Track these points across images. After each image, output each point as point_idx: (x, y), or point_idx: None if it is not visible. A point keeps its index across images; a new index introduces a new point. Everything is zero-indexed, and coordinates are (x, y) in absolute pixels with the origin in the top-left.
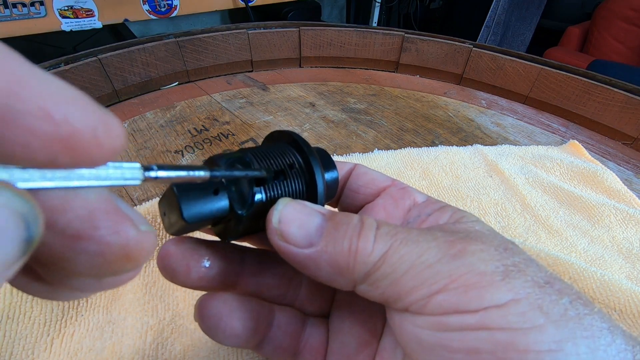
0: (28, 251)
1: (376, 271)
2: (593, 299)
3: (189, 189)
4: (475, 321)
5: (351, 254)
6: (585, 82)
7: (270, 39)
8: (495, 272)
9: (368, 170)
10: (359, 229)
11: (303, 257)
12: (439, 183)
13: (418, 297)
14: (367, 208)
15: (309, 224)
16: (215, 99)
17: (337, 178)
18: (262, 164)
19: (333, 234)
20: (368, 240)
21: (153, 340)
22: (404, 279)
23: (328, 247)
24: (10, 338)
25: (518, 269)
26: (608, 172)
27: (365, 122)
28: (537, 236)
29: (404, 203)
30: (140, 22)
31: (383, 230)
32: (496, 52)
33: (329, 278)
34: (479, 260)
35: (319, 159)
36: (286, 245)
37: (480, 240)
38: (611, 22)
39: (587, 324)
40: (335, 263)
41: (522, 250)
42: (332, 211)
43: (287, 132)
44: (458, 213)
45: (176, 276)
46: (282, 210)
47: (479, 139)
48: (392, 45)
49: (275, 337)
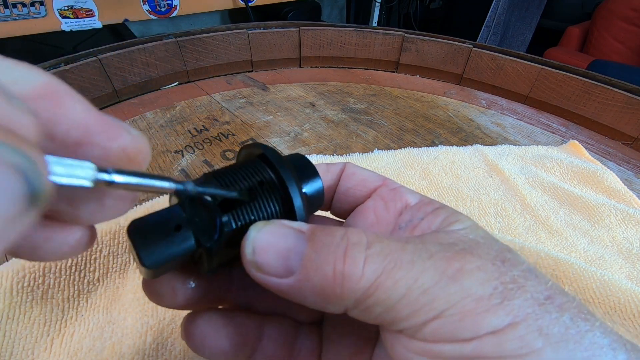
0: (36, 207)
1: (368, 298)
2: (593, 299)
3: (146, 230)
4: (469, 351)
5: (337, 280)
6: (585, 82)
7: (270, 39)
8: (493, 295)
9: (358, 169)
10: (343, 249)
11: (285, 287)
12: (439, 183)
13: (413, 324)
14: (358, 211)
15: (286, 249)
16: (215, 99)
17: (320, 187)
18: (229, 186)
19: (314, 258)
20: (357, 262)
21: (153, 341)
22: (399, 306)
23: (309, 274)
24: (10, 338)
25: (517, 285)
26: (608, 172)
27: (365, 122)
28: (537, 236)
29: (395, 205)
30: (140, 22)
31: (374, 249)
32: (496, 52)
33: (317, 305)
34: (477, 282)
35: (293, 169)
36: (264, 277)
37: (477, 253)
38: (611, 22)
39: (588, 344)
40: (320, 290)
41: (520, 259)
42: (313, 228)
43: (255, 146)
44: (452, 216)
45: (162, 300)
46: (254, 239)
47: (479, 139)
48: (392, 45)
49: (267, 349)
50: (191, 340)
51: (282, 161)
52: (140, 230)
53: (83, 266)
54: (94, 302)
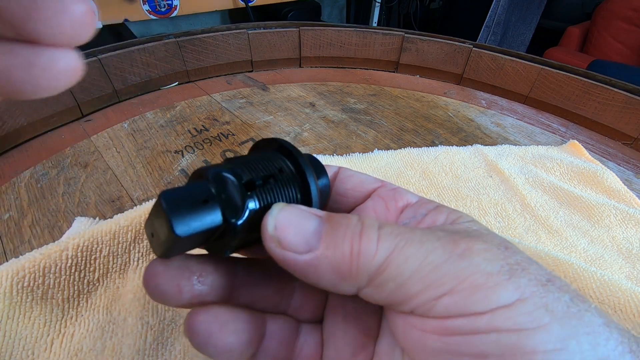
0: None
1: (382, 274)
2: (593, 299)
3: (177, 201)
4: (483, 324)
5: (353, 256)
6: (585, 82)
7: (270, 39)
8: (501, 272)
9: (354, 172)
10: (359, 228)
11: (303, 264)
12: (439, 183)
13: (425, 300)
14: (357, 210)
15: (306, 228)
16: (215, 99)
17: (328, 184)
18: (252, 171)
19: (332, 235)
20: (371, 240)
21: (153, 340)
22: (410, 281)
23: (328, 250)
24: (10, 338)
25: (522, 267)
26: (608, 172)
27: (365, 122)
28: (537, 236)
29: (395, 204)
30: (140, 22)
31: (386, 229)
32: (496, 52)
33: (332, 284)
34: (485, 260)
35: (310, 162)
36: (284, 252)
37: (482, 239)
38: (611, 22)
39: (588, 321)
40: (337, 267)
41: (520, 250)
42: (329, 214)
43: (273, 140)
44: (454, 214)
45: (167, 298)
46: (277, 216)
47: (479, 139)
48: (392, 45)
49: (270, 348)
50: (195, 337)
51: (302, 154)
52: (172, 200)
53: (83, 266)
54: (94, 302)
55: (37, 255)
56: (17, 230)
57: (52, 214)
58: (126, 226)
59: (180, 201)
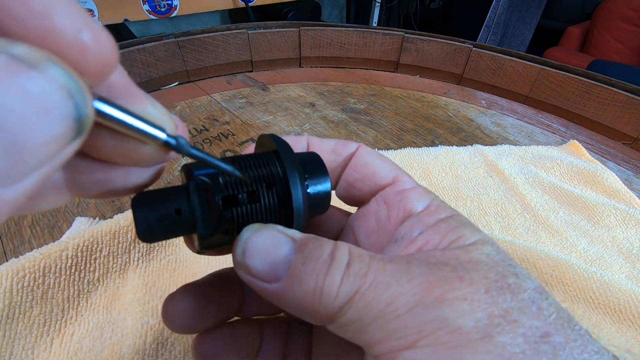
0: (81, 135)
1: (342, 317)
2: (593, 300)
3: (148, 201)
4: None
5: (316, 295)
6: (585, 82)
7: (270, 39)
8: (474, 329)
9: (370, 160)
10: (327, 265)
11: (269, 292)
12: (439, 183)
13: (387, 350)
14: (361, 213)
15: (275, 255)
16: (215, 99)
17: (327, 190)
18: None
19: (300, 269)
20: (334, 280)
21: (153, 340)
22: (370, 329)
23: (294, 284)
24: (10, 338)
25: (508, 319)
26: (608, 172)
27: (365, 122)
28: (537, 236)
29: (397, 214)
30: (140, 22)
31: (354, 267)
32: (496, 52)
33: (298, 315)
34: (457, 312)
35: (300, 167)
36: (251, 279)
37: (469, 278)
38: (611, 22)
39: None
40: (301, 302)
41: (525, 285)
42: (305, 239)
43: (274, 140)
44: (454, 233)
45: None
46: (246, 241)
47: (479, 139)
48: (392, 45)
49: (266, 352)
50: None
51: (292, 158)
52: (141, 203)
53: (83, 266)
54: (94, 302)
55: (37, 255)
56: (17, 230)
57: (52, 214)
58: (126, 226)
59: (150, 202)
